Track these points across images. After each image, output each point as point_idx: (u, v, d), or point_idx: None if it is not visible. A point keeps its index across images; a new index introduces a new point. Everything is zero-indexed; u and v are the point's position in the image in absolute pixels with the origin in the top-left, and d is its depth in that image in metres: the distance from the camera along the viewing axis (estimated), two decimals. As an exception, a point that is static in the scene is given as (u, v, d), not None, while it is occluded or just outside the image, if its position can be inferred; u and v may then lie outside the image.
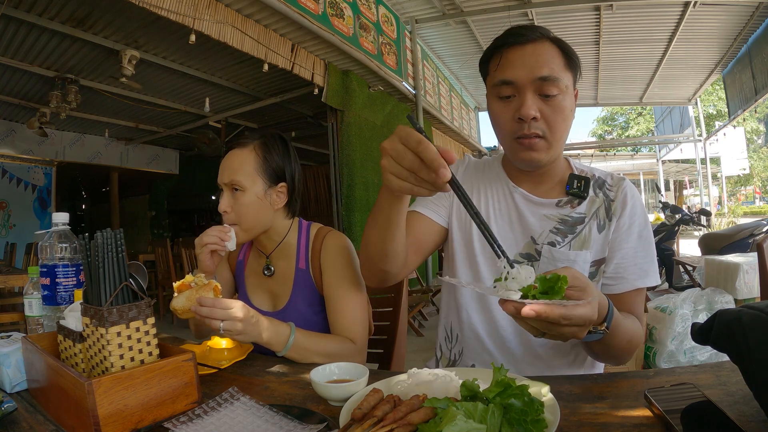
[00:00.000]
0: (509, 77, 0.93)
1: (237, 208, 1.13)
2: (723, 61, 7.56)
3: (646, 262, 0.97)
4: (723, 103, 11.14)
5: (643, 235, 0.98)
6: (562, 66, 0.93)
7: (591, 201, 1.01)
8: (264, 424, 0.67)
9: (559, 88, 0.91)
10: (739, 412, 0.60)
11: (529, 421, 0.55)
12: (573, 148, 15.04)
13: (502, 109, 0.95)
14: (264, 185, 1.15)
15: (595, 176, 1.04)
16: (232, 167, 1.15)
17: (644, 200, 19.91)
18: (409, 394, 0.65)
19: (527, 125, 0.92)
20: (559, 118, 0.92)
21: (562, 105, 0.92)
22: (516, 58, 0.93)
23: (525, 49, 0.93)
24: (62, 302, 0.96)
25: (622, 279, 0.96)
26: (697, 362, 2.59)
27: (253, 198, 1.14)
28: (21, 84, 4.88)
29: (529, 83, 0.91)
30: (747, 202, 22.41)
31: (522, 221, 1.02)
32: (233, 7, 3.22)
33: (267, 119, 6.72)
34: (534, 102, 0.91)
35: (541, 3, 5.42)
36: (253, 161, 1.15)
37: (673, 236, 5.50)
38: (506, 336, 1.01)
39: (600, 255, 0.98)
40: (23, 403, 0.80)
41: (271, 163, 1.17)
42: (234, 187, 1.14)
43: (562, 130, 0.94)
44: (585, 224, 0.99)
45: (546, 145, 0.94)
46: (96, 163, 7.28)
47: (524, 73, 0.91)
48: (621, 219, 0.98)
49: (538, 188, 1.04)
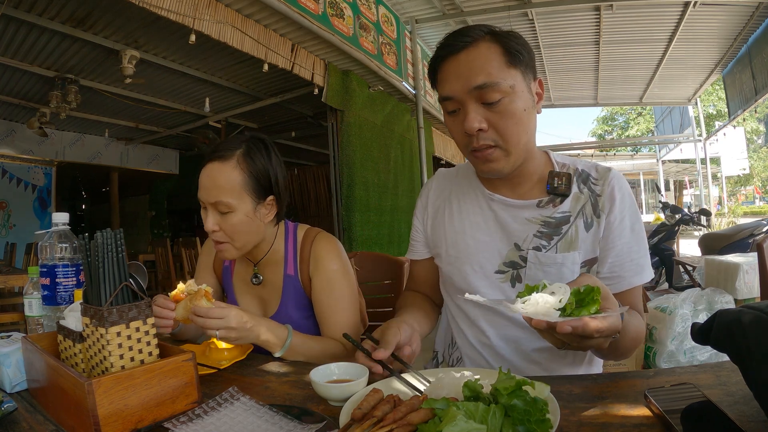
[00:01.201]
0: (447, 93, 0.89)
1: (226, 228, 1.07)
2: (723, 61, 7.55)
3: (640, 256, 0.93)
4: (723, 103, 11.14)
5: (636, 229, 0.94)
6: (503, 65, 0.86)
7: (575, 198, 0.95)
8: (264, 424, 0.67)
9: (502, 92, 0.84)
10: (739, 412, 0.60)
11: (533, 421, 0.54)
12: (573, 148, 15.04)
13: (452, 123, 0.92)
14: (253, 203, 1.08)
15: (578, 170, 0.98)
16: (216, 185, 1.05)
17: (644, 200, 19.93)
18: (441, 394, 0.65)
19: (475, 138, 0.87)
20: (509, 124, 0.86)
21: (509, 109, 0.86)
22: (450, 71, 0.88)
23: (458, 59, 0.87)
24: (62, 302, 0.96)
25: (619, 278, 0.93)
26: (697, 362, 2.59)
27: (243, 217, 1.07)
28: (21, 84, 4.87)
29: (467, 94, 0.86)
30: (747, 202, 22.41)
31: (503, 229, 0.98)
32: (233, 7, 3.22)
33: (267, 119, 6.72)
34: (477, 113, 0.86)
35: (541, 3, 5.41)
36: (238, 178, 1.06)
37: (673, 236, 5.50)
38: (497, 347, 1.00)
39: (590, 255, 0.94)
40: (23, 403, 0.80)
41: (257, 178, 1.09)
42: (220, 209, 1.06)
43: (518, 134, 0.88)
44: (570, 223, 0.93)
45: (502, 153, 0.89)
46: (96, 163, 7.27)
47: (459, 86, 0.86)
48: (611, 215, 0.92)
49: (516, 191, 0.98)
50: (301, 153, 8.07)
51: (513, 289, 0.97)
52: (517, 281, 0.97)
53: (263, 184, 1.10)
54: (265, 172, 1.10)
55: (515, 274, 0.97)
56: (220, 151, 1.09)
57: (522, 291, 0.71)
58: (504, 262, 0.97)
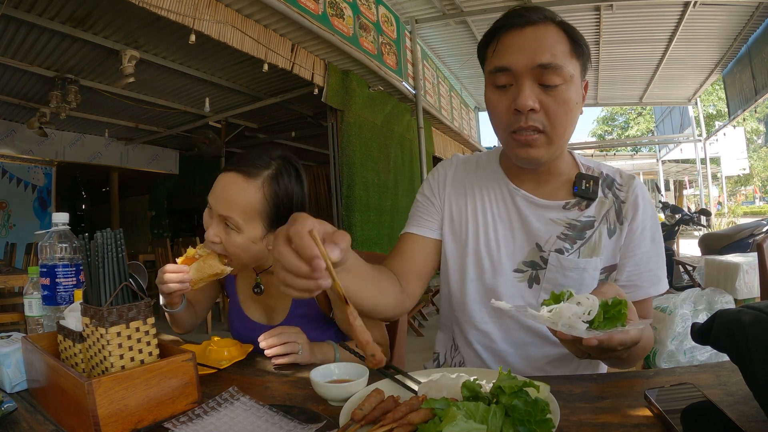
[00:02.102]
0: (505, 63, 0.83)
1: (228, 244, 1.01)
2: (723, 61, 7.55)
3: (659, 267, 0.92)
4: (723, 103, 11.13)
5: (656, 239, 0.93)
6: (567, 53, 0.82)
7: (600, 203, 0.92)
8: (264, 424, 0.67)
9: (563, 77, 0.81)
10: (739, 412, 0.60)
11: (534, 422, 0.54)
12: (573, 148, 14.93)
13: (499, 99, 0.86)
14: (263, 231, 1.02)
15: (603, 174, 0.96)
16: (232, 201, 0.99)
17: (644, 200, 19.90)
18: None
19: (524, 117, 0.82)
20: (561, 111, 0.82)
21: (565, 96, 0.82)
22: (514, 43, 0.83)
23: (524, 33, 0.82)
24: (62, 302, 0.96)
25: (636, 287, 0.91)
26: (697, 362, 2.59)
27: (248, 242, 1.01)
28: (21, 84, 4.87)
29: (528, 71, 0.81)
30: (747, 202, 22.41)
31: (525, 227, 0.94)
32: (233, 7, 3.21)
33: (267, 119, 6.71)
34: (533, 92, 0.81)
35: (540, 3, 5.42)
36: (257, 203, 0.99)
37: (673, 236, 5.50)
38: (502, 352, 0.97)
39: (610, 261, 0.92)
40: (23, 403, 0.80)
41: (277, 206, 1.01)
42: (227, 223, 1.00)
43: (565, 125, 0.84)
44: (595, 229, 0.91)
45: (546, 140, 0.84)
46: (96, 163, 7.27)
47: (522, 59, 0.81)
48: (633, 223, 0.91)
49: (541, 189, 0.94)
50: (301, 153, 8.07)
51: (530, 290, 0.93)
52: (535, 282, 0.93)
53: (281, 213, 1.02)
54: (287, 199, 1.03)
55: (534, 275, 0.93)
56: (247, 166, 1.01)
57: (547, 299, 0.68)
58: (524, 261, 0.94)
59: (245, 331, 1.17)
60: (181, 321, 1.19)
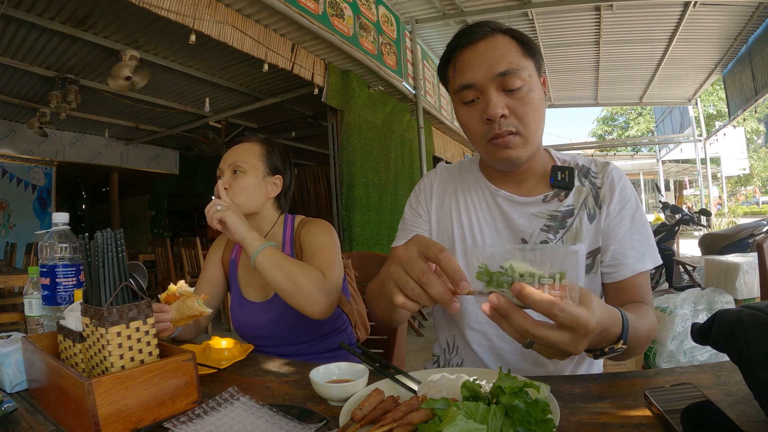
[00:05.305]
0: (468, 80, 0.89)
1: (235, 185, 1.24)
2: (723, 61, 7.55)
3: (642, 244, 0.94)
4: (723, 103, 11.14)
5: (636, 218, 0.95)
6: (520, 56, 0.89)
7: (578, 191, 0.98)
8: (264, 424, 0.67)
9: (522, 79, 0.87)
10: (739, 412, 0.60)
11: (534, 422, 0.54)
12: (573, 148, 15.02)
13: (469, 113, 0.92)
14: (264, 172, 1.29)
15: (578, 165, 1.01)
16: (238, 152, 1.28)
17: (644, 200, 19.91)
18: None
19: (497, 125, 0.88)
20: (529, 110, 0.89)
21: (529, 96, 0.88)
22: (471, 59, 0.90)
23: (478, 48, 0.89)
24: (62, 302, 0.96)
25: (621, 265, 0.94)
26: (697, 362, 2.59)
27: (253, 180, 1.26)
28: (21, 84, 4.87)
29: (489, 81, 0.88)
30: (747, 202, 22.41)
31: (509, 225, 0.99)
32: (233, 7, 3.21)
33: (267, 119, 6.72)
34: (499, 99, 0.87)
35: (541, 3, 5.41)
36: (258, 151, 1.30)
37: (673, 236, 5.50)
38: (499, 349, 0.98)
39: (594, 245, 0.96)
40: (23, 403, 0.80)
41: (272, 158, 1.31)
42: (236, 169, 1.25)
43: (536, 122, 0.90)
44: (575, 216, 0.96)
45: (521, 140, 0.90)
46: (96, 163, 7.27)
47: (482, 73, 0.88)
48: (611, 205, 0.95)
49: (521, 187, 1.00)
50: (301, 153, 8.07)
51: None
52: None
53: (276, 163, 1.32)
54: (278, 159, 1.33)
55: None
56: (247, 136, 1.36)
57: None
58: None
59: (245, 316, 1.28)
60: (184, 337, 1.24)
